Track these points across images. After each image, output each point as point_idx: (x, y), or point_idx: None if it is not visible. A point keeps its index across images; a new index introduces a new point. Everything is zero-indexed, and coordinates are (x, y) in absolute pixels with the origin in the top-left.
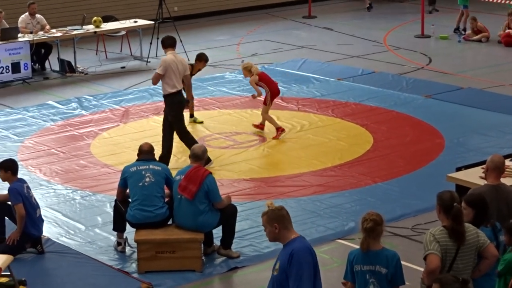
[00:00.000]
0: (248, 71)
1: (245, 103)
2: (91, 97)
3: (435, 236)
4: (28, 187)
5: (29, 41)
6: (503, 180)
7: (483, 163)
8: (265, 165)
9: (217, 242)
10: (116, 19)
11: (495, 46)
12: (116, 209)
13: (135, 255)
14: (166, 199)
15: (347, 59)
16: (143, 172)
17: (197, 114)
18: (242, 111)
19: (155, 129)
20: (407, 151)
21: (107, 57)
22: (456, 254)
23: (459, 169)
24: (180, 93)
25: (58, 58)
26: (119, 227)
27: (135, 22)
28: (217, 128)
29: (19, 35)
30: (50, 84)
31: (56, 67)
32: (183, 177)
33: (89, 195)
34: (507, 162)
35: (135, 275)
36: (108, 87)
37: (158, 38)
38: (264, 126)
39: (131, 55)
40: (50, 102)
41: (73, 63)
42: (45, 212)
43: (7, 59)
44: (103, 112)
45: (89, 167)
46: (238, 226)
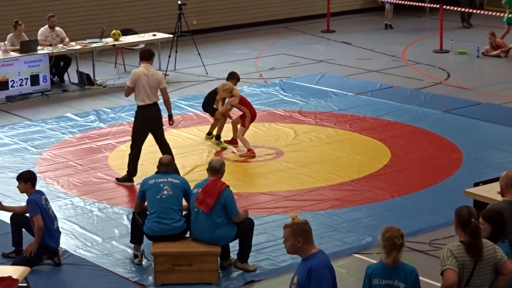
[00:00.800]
0: (229, 92)
1: (263, 116)
2: (109, 110)
3: (453, 251)
4: (46, 199)
5: (48, 53)
6: None
7: None
8: (282, 178)
9: (233, 255)
10: (135, 32)
11: None
12: (133, 221)
13: (152, 268)
14: (184, 212)
15: (365, 73)
16: (161, 184)
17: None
18: (259, 125)
19: (172, 142)
20: (425, 166)
21: (125, 70)
22: (473, 269)
23: (477, 185)
24: (149, 107)
25: (77, 70)
26: (136, 239)
27: (154, 35)
28: None
29: (39, 47)
30: (68, 96)
31: (75, 79)
32: (201, 190)
33: (106, 207)
34: None
35: None
36: (126, 100)
37: (176, 51)
38: (237, 141)
39: None
40: (68, 114)
41: (92, 76)
42: (62, 224)
43: (26, 71)
44: (121, 125)
45: (106, 180)
46: (255, 239)
